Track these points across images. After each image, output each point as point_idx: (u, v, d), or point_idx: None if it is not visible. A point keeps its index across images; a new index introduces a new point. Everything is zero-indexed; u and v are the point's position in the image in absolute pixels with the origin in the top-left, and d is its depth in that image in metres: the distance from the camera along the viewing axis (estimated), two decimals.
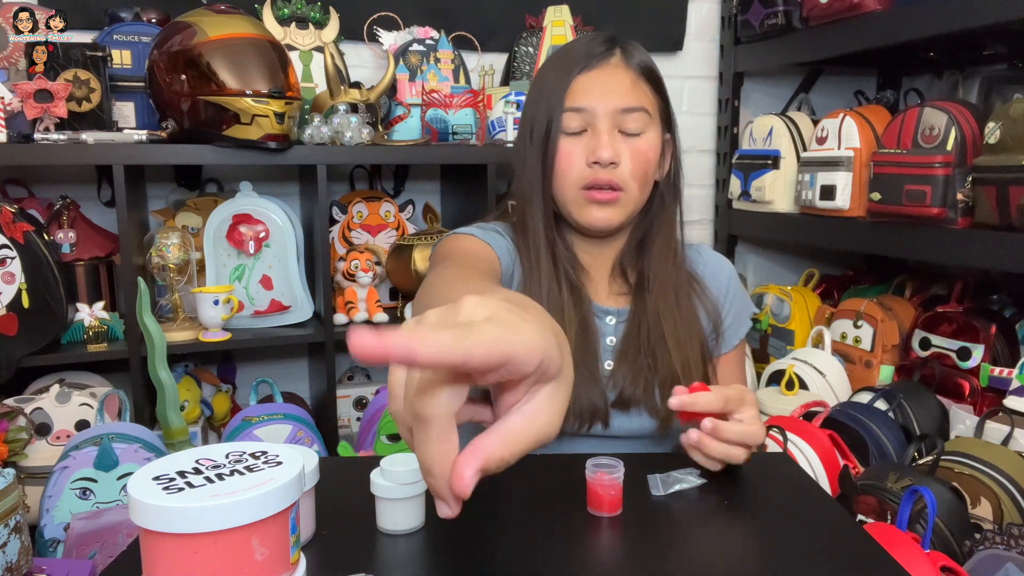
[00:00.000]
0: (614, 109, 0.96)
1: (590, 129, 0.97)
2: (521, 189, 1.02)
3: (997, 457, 1.32)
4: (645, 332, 1.00)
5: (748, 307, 1.10)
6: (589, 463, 0.76)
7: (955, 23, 1.55)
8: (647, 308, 1.01)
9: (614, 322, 1.04)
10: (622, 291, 1.06)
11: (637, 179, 0.98)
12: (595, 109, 0.96)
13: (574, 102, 0.96)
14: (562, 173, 0.98)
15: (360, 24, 1.96)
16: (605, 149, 0.95)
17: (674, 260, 1.03)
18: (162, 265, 1.67)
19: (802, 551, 0.69)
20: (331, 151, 1.70)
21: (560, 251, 1.02)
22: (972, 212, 1.55)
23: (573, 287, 1.01)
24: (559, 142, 0.97)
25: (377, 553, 0.68)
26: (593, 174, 0.96)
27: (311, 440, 1.55)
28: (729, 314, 1.07)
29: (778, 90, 2.41)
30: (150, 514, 0.49)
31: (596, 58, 0.97)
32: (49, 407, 1.49)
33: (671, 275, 1.02)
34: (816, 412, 1.60)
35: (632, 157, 0.97)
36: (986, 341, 1.67)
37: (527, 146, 1.00)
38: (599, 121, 0.96)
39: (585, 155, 0.97)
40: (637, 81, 0.98)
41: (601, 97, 0.96)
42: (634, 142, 0.97)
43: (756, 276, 2.50)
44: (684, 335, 1.00)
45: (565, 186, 0.98)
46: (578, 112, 0.96)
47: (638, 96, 0.97)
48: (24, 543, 0.93)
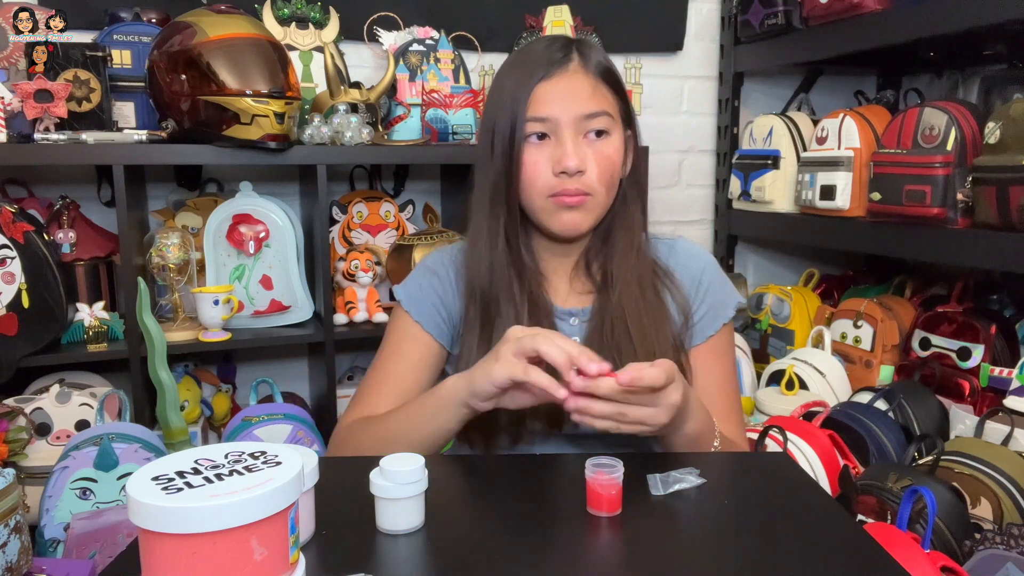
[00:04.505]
0: (577, 116, 0.97)
1: (554, 137, 0.98)
2: (480, 198, 1.03)
3: (997, 457, 1.32)
4: (609, 328, 1.00)
5: (729, 298, 1.08)
6: (589, 463, 0.76)
7: (955, 23, 1.55)
8: (611, 304, 1.01)
9: (577, 322, 1.04)
10: (586, 290, 1.06)
11: (604, 183, 0.99)
12: (558, 118, 0.97)
13: (537, 111, 0.97)
14: (529, 183, 0.99)
15: (360, 24, 1.96)
16: (571, 158, 0.96)
17: (637, 254, 1.04)
18: (162, 265, 1.67)
19: (802, 551, 0.69)
20: (331, 151, 1.70)
21: (520, 259, 1.03)
22: (972, 212, 1.55)
23: (536, 296, 1.02)
24: (524, 152, 0.98)
25: (377, 553, 0.68)
26: (560, 183, 0.97)
27: (311, 440, 1.54)
28: (703, 304, 1.06)
29: (778, 90, 2.41)
30: (149, 514, 0.49)
31: (555, 64, 0.98)
32: (49, 407, 1.49)
33: (634, 269, 1.03)
34: (816, 412, 1.60)
35: (598, 162, 0.98)
36: (986, 341, 1.67)
37: (489, 155, 1.00)
38: (563, 129, 0.97)
39: (551, 164, 0.97)
40: (597, 85, 0.99)
41: (563, 105, 0.96)
42: (599, 146, 0.98)
43: (756, 276, 2.50)
44: (650, 328, 1.00)
45: (533, 195, 0.99)
46: (541, 121, 0.97)
47: (599, 101, 0.98)
48: (24, 543, 0.93)
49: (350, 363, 2.11)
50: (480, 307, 1.02)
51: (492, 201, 1.01)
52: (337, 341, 1.78)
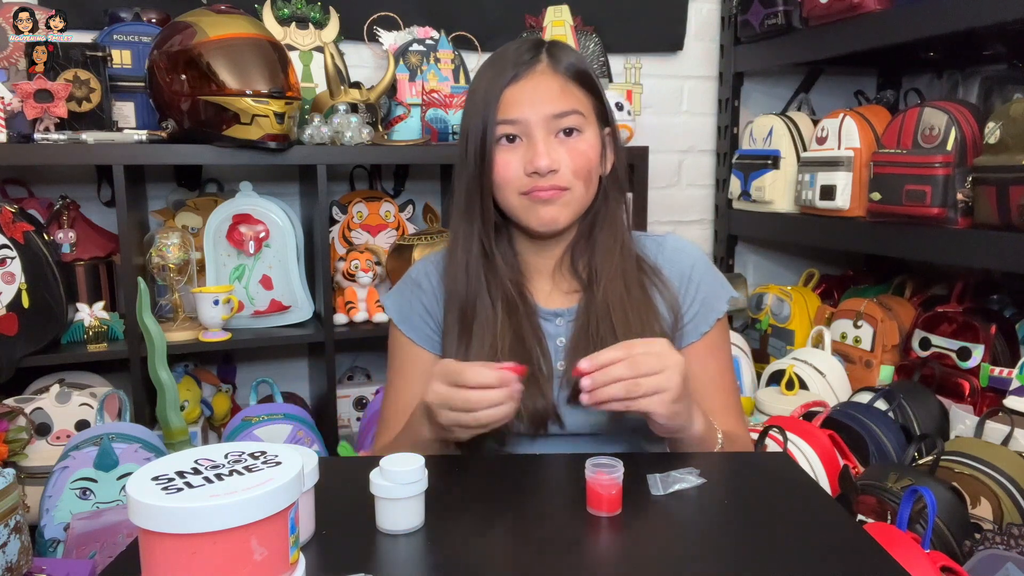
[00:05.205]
0: (546, 116, 0.97)
1: (525, 139, 0.98)
2: (456, 203, 1.03)
3: (997, 457, 1.32)
4: (595, 326, 1.00)
5: (721, 291, 1.06)
6: (589, 463, 0.76)
7: (955, 23, 1.55)
8: (596, 302, 1.01)
9: (563, 323, 1.04)
10: (572, 289, 1.06)
11: (580, 177, 0.99)
12: (527, 119, 0.97)
13: (506, 114, 0.97)
14: (502, 183, 0.99)
15: (360, 24, 1.96)
16: (542, 158, 0.96)
17: (621, 251, 1.03)
18: (162, 265, 1.67)
19: (802, 551, 0.69)
20: (331, 151, 1.70)
21: (500, 262, 1.03)
22: (972, 212, 1.55)
23: (513, 299, 1.02)
24: (495, 154, 0.98)
25: (377, 553, 0.68)
26: (533, 182, 0.97)
27: (311, 440, 1.54)
28: (695, 302, 1.05)
29: (778, 90, 2.41)
30: (149, 514, 0.49)
31: (523, 66, 0.97)
32: (49, 407, 1.49)
33: (618, 266, 1.02)
34: (816, 412, 1.60)
35: (572, 158, 0.98)
36: (986, 341, 1.67)
37: (464, 160, 1.01)
38: (533, 130, 0.97)
39: (523, 164, 0.97)
40: (566, 85, 0.98)
41: (531, 106, 0.96)
42: (571, 143, 0.98)
43: (756, 276, 2.50)
44: (636, 324, 0.99)
45: (507, 195, 0.99)
46: (511, 123, 0.97)
47: (568, 100, 0.98)
48: (24, 543, 0.93)
49: (350, 363, 2.11)
50: (458, 313, 1.02)
51: (467, 205, 1.01)
52: (337, 341, 1.78)
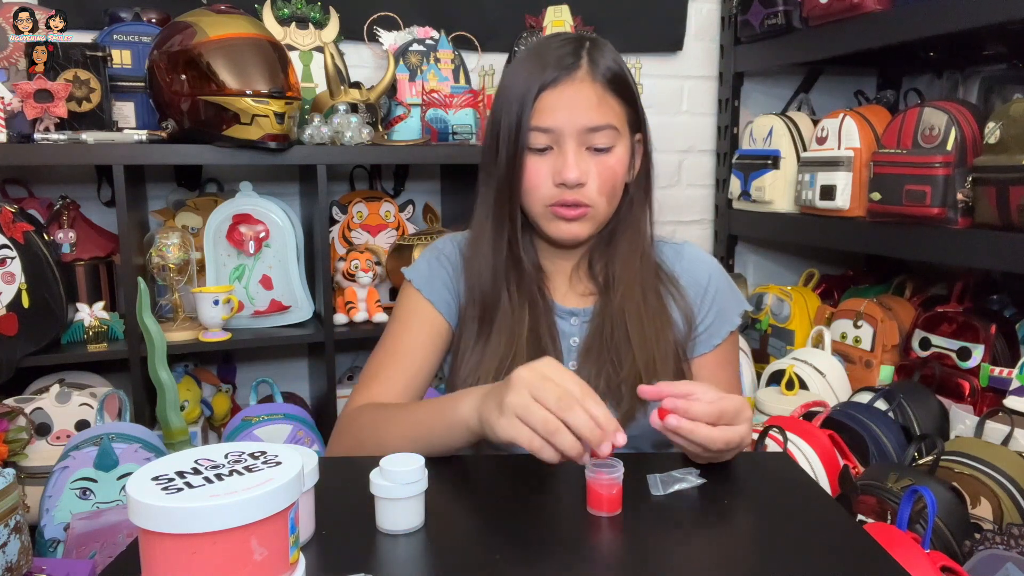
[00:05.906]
0: (580, 128, 0.95)
1: (556, 147, 0.97)
2: (485, 199, 1.02)
3: (997, 457, 1.32)
4: (609, 330, 1.00)
5: (736, 306, 1.07)
6: (589, 463, 0.76)
7: (955, 23, 1.55)
8: (612, 307, 1.01)
9: (578, 322, 1.04)
10: (589, 291, 1.06)
11: (605, 194, 0.98)
12: (561, 129, 0.95)
13: (540, 121, 0.95)
14: (530, 190, 0.98)
15: (360, 24, 1.96)
16: (571, 171, 0.95)
17: (641, 258, 1.03)
18: (162, 265, 1.67)
19: (802, 551, 0.69)
20: (331, 151, 1.70)
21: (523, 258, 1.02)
22: (972, 212, 1.55)
23: (534, 295, 1.02)
24: (526, 160, 0.97)
25: (377, 553, 0.68)
26: (560, 194, 0.97)
27: (311, 440, 1.55)
28: (709, 313, 1.05)
29: (778, 90, 2.41)
30: (149, 514, 0.49)
31: (563, 71, 0.95)
32: (49, 407, 1.49)
33: (637, 273, 1.02)
34: (816, 412, 1.60)
35: (599, 173, 0.97)
36: (986, 341, 1.67)
37: (493, 156, 1.00)
38: (565, 141, 0.96)
39: (552, 174, 0.97)
40: (604, 95, 0.96)
41: (567, 117, 0.95)
42: (602, 158, 0.97)
43: (756, 276, 2.50)
44: (651, 333, 0.99)
45: (533, 202, 0.99)
46: (544, 132, 0.96)
47: (604, 113, 0.96)
48: (24, 543, 0.93)
49: (350, 363, 2.11)
50: (479, 307, 1.02)
51: (497, 205, 1.01)
52: (337, 341, 1.78)
